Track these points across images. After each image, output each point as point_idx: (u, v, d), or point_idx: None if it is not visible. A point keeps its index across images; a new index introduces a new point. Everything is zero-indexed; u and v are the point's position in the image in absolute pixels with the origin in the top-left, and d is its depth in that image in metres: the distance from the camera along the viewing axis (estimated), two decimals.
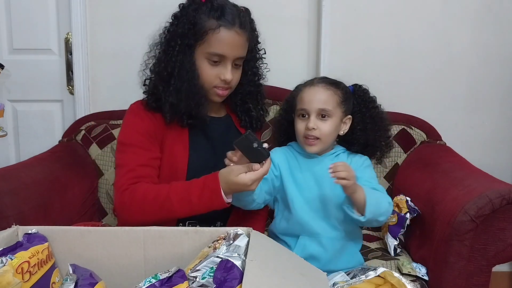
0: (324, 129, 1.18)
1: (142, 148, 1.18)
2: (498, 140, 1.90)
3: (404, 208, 1.39)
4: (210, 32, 1.14)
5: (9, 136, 1.90)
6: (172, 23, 1.21)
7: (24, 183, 1.35)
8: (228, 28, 1.15)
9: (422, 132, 1.71)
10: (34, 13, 1.84)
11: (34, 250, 0.81)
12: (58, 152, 1.64)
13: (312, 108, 1.18)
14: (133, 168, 1.15)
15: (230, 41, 1.15)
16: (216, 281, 0.70)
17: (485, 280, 1.17)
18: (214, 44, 1.15)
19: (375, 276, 0.99)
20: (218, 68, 1.18)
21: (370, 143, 1.26)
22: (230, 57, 1.17)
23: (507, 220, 1.15)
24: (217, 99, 1.23)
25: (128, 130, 1.22)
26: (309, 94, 1.20)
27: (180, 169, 1.21)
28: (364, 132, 1.25)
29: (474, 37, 1.84)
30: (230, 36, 1.15)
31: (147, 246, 0.89)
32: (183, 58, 1.17)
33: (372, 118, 1.27)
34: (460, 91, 1.88)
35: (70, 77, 1.87)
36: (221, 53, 1.16)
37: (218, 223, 1.28)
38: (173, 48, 1.17)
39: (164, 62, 1.19)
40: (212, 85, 1.19)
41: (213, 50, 1.15)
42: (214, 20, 1.15)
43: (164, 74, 1.18)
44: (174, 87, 1.17)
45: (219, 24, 1.14)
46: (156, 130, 1.21)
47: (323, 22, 1.78)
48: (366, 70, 1.85)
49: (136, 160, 1.16)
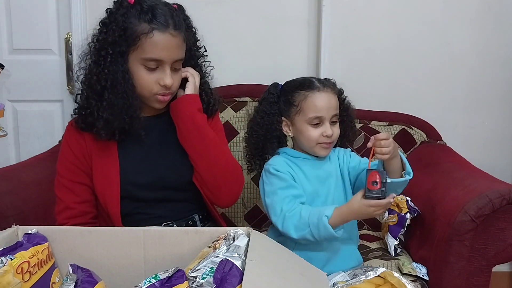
0: (337, 133, 1.19)
1: (75, 182, 1.17)
2: (498, 140, 1.90)
3: (404, 208, 1.39)
4: (143, 36, 1.06)
5: (9, 136, 1.90)
6: (100, 30, 1.11)
7: (24, 183, 1.35)
8: (161, 31, 1.07)
9: (422, 132, 1.71)
10: (34, 13, 1.84)
11: (34, 250, 0.81)
12: (58, 152, 1.64)
13: (328, 115, 1.16)
14: (70, 206, 1.16)
15: (166, 45, 1.08)
16: (216, 281, 0.70)
17: (485, 280, 1.17)
18: (148, 49, 1.07)
19: (375, 276, 1.00)
20: (156, 74, 1.10)
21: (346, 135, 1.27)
22: (168, 61, 1.09)
23: (507, 220, 1.15)
24: (158, 106, 1.16)
25: (62, 160, 1.19)
26: (322, 101, 1.16)
27: (113, 182, 1.17)
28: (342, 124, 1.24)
29: (474, 37, 1.84)
30: (165, 39, 1.07)
31: (147, 246, 0.89)
32: (115, 68, 1.08)
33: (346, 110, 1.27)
34: (460, 91, 1.88)
35: (70, 77, 1.87)
36: (157, 57, 1.08)
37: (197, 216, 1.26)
38: (104, 58, 1.08)
39: (96, 75, 1.09)
40: (152, 92, 1.12)
41: (149, 55, 1.07)
42: (145, 24, 1.06)
43: (98, 87, 1.09)
44: (108, 101, 1.09)
45: (152, 28, 1.06)
46: (85, 154, 1.17)
47: (323, 22, 1.78)
48: (366, 70, 1.85)
49: (72, 197, 1.16)
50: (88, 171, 1.18)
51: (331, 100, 1.17)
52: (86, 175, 1.18)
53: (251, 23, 1.81)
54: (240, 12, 1.81)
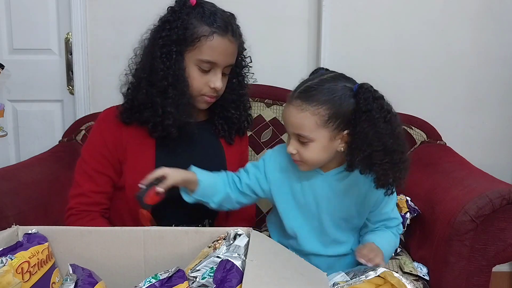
0: (306, 155, 1.00)
1: (98, 172, 1.17)
2: (498, 140, 1.90)
3: (404, 208, 1.39)
4: (203, 38, 1.09)
5: (9, 136, 1.91)
6: (163, 28, 1.12)
7: (24, 183, 1.35)
8: (221, 36, 1.10)
9: (422, 132, 1.71)
10: (34, 13, 1.84)
11: (34, 250, 0.81)
12: (58, 152, 1.64)
13: (289, 131, 1.02)
14: (86, 194, 1.16)
15: (223, 49, 1.11)
16: (216, 281, 0.70)
17: (485, 280, 1.17)
18: (206, 51, 1.10)
19: (375, 276, 0.99)
20: (208, 76, 1.13)
21: (374, 161, 0.95)
22: (222, 65, 1.13)
23: (507, 220, 1.15)
24: (203, 106, 1.18)
25: (90, 147, 1.19)
26: (285, 115, 1.03)
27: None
28: (368, 145, 0.95)
29: (474, 37, 1.84)
30: (224, 43, 1.11)
31: (147, 246, 0.89)
32: (179, 65, 1.11)
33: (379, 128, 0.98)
34: (460, 91, 1.88)
35: (70, 77, 1.87)
36: (213, 60, 1.11)
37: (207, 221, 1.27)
38: (167, 55, 1.10)
39: (162, 71, 1.10)
40: (201, 93, 1.14)
41: (205, 57, 1.10)
42: (206, 26, 1.09)
43: (163, 84, 1.10)
44: (173, 98, 1.11)
45: (213, 31, 1.09)
46: (118, 146, 1.17)
47: (323, 22, 1.78)
48: (366, 70, 1.84)
49: (91, 185, 1.16)
50: (115, 163, 1.18)
51: (291, 117, 1.00)
52: (112, 166, 1.18)
53: (251, 23, 1.80)
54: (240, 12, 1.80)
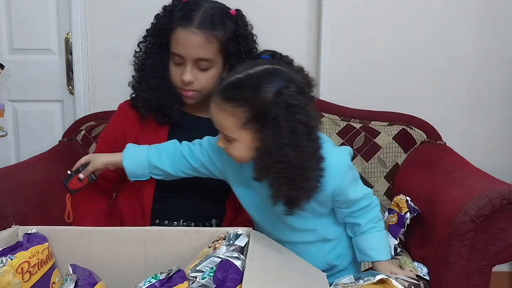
0: (232, 153, 0.95)
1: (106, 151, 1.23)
2: (498, 140, 1.90)
3: (404, 208, 1.39)
4: (172, 31, 1.14)
5: (9, 136, 1.91)
6: (154, 22, 1.22)
7: (24, 183, 1.35)
8: (184, 27, 1.12)
9: (422, 132, 1.71)
10: (34, 13, 1.84)
11: (34, 250, 0.81)
12: (58, 152, 1.64)
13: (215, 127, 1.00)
14: None
15: (186, 41, 1.12)
16: (216, 281, 0.70)
17: (485, 280, 1.17)
18: (173, 44, 1.15)
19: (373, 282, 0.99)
20: (180, 69, 1.16)
21: (270, 173, 0.86)
22: (189, 58, 1.13)
23: (507, 220, 1.15)
24: (188, 101, 1.21)
25: (105, 136, 1.30)
26: (210, 110, 1.00)
27: None
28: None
29: (474, 37, 1.84)
30: (186, 35, 1.12)
31: (147, 246, 0.89)
32: (155, 56, 1.19)
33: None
34: (460, 91, 1.87)
35: (70, 77, 1.87)
36: (178, 53, 1.14)
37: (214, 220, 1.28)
38: (149, 45, 1.20)
39: (142, 59, 1.22)
40: (177, 86, 1.18)
41: (173, 49, 1.15)
42: (176, 20, 1.14)
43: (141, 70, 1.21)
44: (146, 82, 1.20)
45: (177, 24, 1.13)
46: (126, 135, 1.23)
47: (323, 22, 1.78)
48: (366, 70, 1.85)
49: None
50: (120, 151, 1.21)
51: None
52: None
53: (251, 23, 1.81)
54: None
